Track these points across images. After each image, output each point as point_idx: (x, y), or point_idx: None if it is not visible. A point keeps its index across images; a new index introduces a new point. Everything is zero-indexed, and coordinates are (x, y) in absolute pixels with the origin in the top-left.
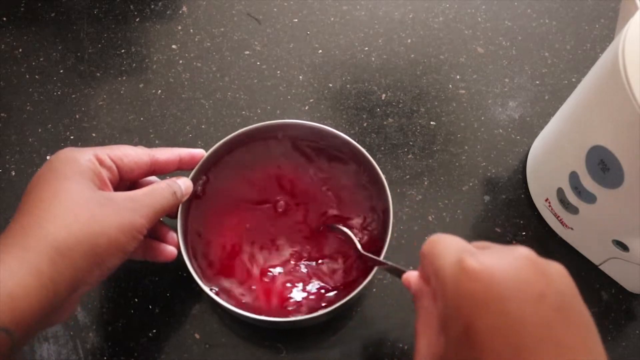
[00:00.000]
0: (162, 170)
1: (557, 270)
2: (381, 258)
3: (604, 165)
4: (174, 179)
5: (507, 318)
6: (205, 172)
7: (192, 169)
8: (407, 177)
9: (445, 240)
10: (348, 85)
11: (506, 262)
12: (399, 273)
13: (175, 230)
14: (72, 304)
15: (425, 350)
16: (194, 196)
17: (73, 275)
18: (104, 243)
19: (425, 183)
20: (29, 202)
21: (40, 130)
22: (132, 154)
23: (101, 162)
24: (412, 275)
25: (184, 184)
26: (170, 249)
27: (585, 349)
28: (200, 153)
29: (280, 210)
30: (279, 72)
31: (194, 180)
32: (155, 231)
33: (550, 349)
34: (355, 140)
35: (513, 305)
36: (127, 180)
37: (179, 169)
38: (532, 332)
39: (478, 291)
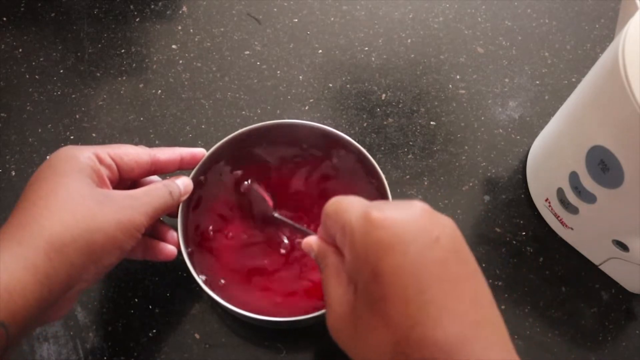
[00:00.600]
0: (163, 170)
1: (447, 220)
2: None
3: (604, 165)
4: (173, 178)
5: (409, 258)
6: (205, 173)
7: (193, 169)
8: (407, 177)
9: (348, 199)
10: (348, 85)
11: (406, 212)
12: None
13: (176, 229)
14: (69, 301)
15: (338, 299)
16: (197, 196)
17: (68, 271)
18: (101, 240)
19: (425, 183)
20: (26, 199)
21: (40, 130)
22: (133, 153)
23: (101, 160)
24: (312, 239)
25: (182, 184)
26: (170, 248)
27: (473, 282)
28: (201, 152)
29: (281, 212)
30: (279, 72)
31: (196, 179)
32: (155, 230)
33: (446, 285)
34: (355, 140)
35: (414, 247)
36: (127, 180)
37: (180, 168)
38: (431, 269)
39: (383, 237)
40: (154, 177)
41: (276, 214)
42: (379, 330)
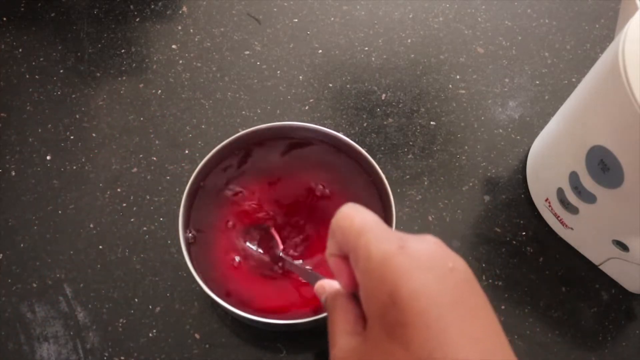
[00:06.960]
0: None
1: (458, 256)
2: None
3: (604, 165)
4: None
5: (428, 284)
6: (203, 180)
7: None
8: (407, 177)
9: (359, 219)
10: (348, 85)
11: (421, 243)
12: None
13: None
14: None
15: (346, 336)
16: (195, 195)
17: None
18: None
19: (425, 183)
20: None
21: (40, 130)
22: None
23: None
24: (325, 282)
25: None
26: None
27: (486, 312)
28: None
29: (280, 213)
30: (279, 72)
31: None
32: None
33: (463, 311)
34: (355, 141)
35: (432, 275)
36: None
37: None
38: (449, 296)
39: (402, 263)
40: None
41: (282, 254)
42: (399, 355)
